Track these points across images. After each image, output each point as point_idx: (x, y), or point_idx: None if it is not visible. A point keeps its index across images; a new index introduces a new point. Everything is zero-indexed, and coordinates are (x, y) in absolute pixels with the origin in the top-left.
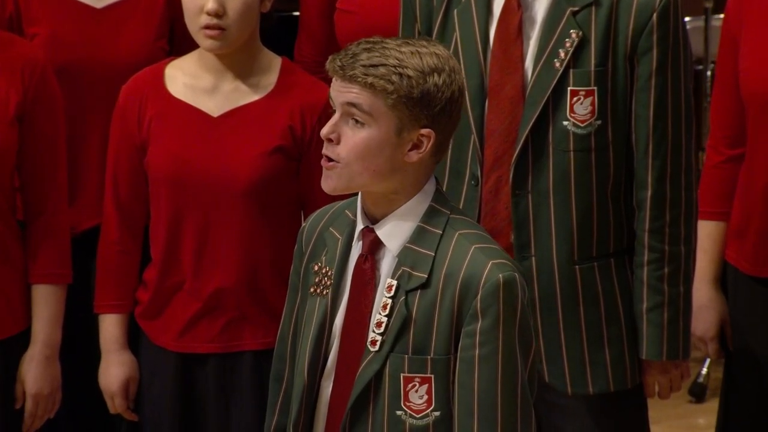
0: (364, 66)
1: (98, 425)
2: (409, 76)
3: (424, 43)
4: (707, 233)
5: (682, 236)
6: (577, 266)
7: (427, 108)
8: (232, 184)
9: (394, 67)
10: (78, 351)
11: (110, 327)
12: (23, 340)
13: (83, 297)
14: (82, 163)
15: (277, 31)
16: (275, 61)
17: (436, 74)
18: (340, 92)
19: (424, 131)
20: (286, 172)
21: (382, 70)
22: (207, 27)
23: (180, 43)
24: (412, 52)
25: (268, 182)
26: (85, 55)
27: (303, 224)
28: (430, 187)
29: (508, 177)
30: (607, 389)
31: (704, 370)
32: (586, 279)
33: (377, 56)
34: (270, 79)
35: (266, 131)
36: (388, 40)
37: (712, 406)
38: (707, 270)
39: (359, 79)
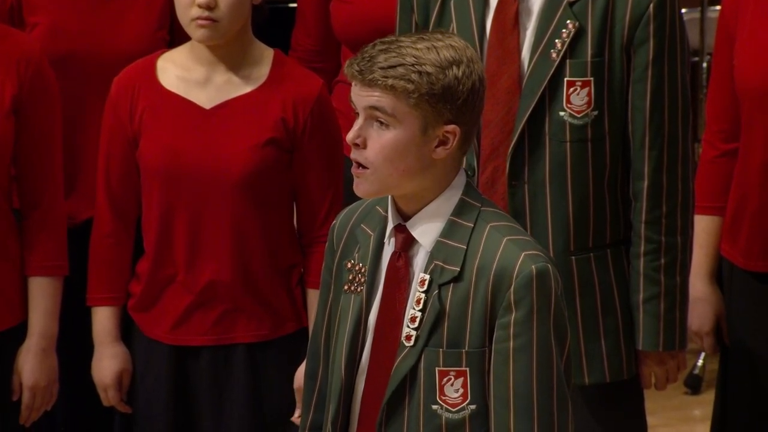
0: (382, 68)
1: (96, 417)
2: (428, 73)
3: (439, 36)
4: (703, 228)
5: (678, 227)
6: (573, 257)
7: (449, 102)
8: (224, 176)
9: (412, 65)
10: (76, 342)
11: (103, 319)
12: (20, 332)
13: (82, 286)
14: (82, 153)
15: (272, 22)
16: (267, 53)
17: (454, 67)
18: (362, 96)
19: (448, 128)
20: (279, 164)
21: (400, 70)
22: (198, 18)
23: (181, 34)
24: (428, 48)
25: (260, 174)
26: (85, 44)
27: (333, 221)
28: (459, 181)
29: (504, 168)
30: (603, 380)
31: (700, 362)
32: (583, 270)
33: (394, 56)
34: (262, 71)
35: (258, 123)
36: (402, 38)
37: (708, 397)
38: (703, 264)
39: (379, 82)
